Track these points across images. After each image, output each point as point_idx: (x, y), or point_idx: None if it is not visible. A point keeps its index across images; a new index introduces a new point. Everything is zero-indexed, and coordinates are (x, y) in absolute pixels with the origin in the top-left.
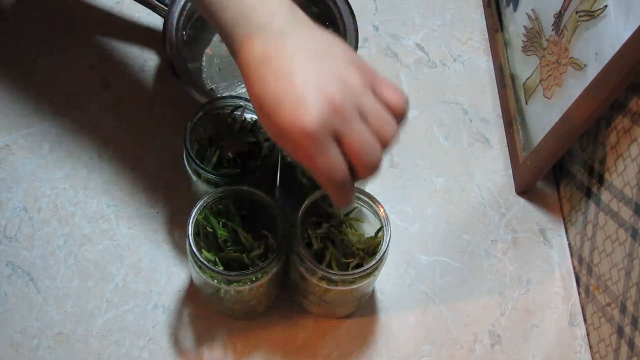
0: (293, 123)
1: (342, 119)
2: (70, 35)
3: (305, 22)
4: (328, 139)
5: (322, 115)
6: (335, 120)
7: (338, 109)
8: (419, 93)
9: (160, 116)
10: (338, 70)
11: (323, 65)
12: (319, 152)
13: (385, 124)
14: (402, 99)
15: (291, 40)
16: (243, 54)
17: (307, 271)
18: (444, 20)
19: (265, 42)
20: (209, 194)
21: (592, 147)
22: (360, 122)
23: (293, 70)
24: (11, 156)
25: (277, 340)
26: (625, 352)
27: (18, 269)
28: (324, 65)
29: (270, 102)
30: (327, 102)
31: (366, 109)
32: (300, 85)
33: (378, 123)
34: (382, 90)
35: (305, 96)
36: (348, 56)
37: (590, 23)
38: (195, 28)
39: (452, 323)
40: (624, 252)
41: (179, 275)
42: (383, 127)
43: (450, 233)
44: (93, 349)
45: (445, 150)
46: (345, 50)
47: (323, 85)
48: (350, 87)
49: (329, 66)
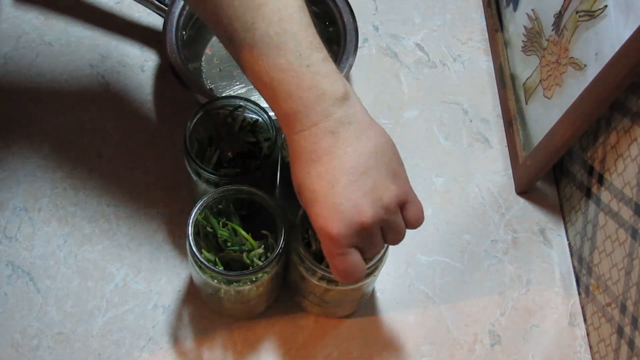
0: (322, 226)
1: (365, 238)
2: (70, 35)
3: (360, 119)
4: (349, 248)
5: (350, 233)
6: (359, 237)
7: (366, 230)
8: (419, 93)
9: (160, 116)
10: (378, 184)
11: (366, 177)
12: (337, 256)
13: (398, 238)
14: (421, 221)
15: (342, 142)
16: (294, 144)
17: (307, 271)
18: (444, 20)
19: (316, 139)
20: (209, 194)
21: (592, 147)
22: (380, 238)
23: (337, 177)
24: (11, 156)
25: (277, 340)
26: (625, 352)
27: (18, 269)
28: (366, 178)
29: (308, 196)
30: (358, 221)
31: (389, 226)
32: (339, 195)
33: (394, 238)
34: (408, 208)
35: (340, 208)
36: (392, 165)
37: (590, 23)
38: (195, 28)
39: (452, 323)
40: (624, 252)
41: (179, 275)
42: (396, 239)
43: (450, 233)
44: (93, 349)
45: (445, 150)
46: (391, 158)
47: (360, 202)
48: (384, 209)
49: (371, 180)
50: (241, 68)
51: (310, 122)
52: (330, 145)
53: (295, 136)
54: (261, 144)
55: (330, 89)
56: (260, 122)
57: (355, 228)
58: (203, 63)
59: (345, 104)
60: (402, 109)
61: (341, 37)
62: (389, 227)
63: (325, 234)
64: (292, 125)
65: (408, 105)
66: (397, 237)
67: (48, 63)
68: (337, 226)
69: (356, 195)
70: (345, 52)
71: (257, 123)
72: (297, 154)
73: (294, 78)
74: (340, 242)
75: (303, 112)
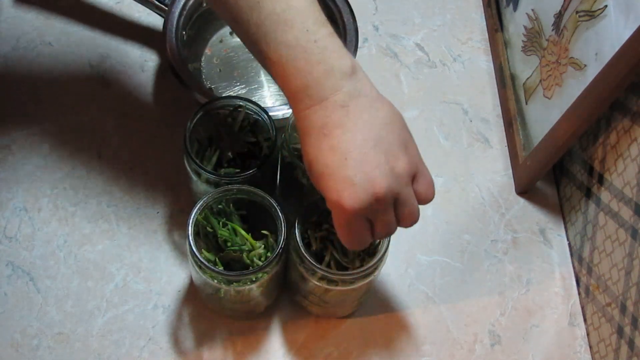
0: (335, 198)
1: (378, 209)
2: (70, 35)
3: (368, 92)
4: (361, 220)
5: (363, 204)
6: (372, 209)
7: (380, 201)
8: (419, 93)
9: (160, 116)
10: (390, 155)
11: (377, 149)
12: (348, 227)
13: (411, 214)
14: (432, 195)
15: (352, 115)
16: (304, 120)
17: (307, 271)
18: (444, 20)
19: (327, 112)
20: (209, 194)
21: (592, 147)
22: (392, 211)
23: (349, 149)
24: (11, 156)
25: (277, 340)
26: (625, 352)
27: (18, 269)
28: (378, 149)
29: (320, 170)
30: (372, 192)
31: (402, 200)
32: (352, 167)
33: (407, 213)
34: (419, 180)
35: (353, 180)
36: (403, 136)
37: (590, 23)
38: (195, 28)
39: (452, 323)
40: (624, 252)
41: (179, 275)
42: (410, 216)
43: (450, 233)
44: (93, 349)
45: (445, 150)
46: (401, 129)
47: (372, 173)
48: (396, 179)
49: (383, 151)
50: (248, 48)
51: (320, 97)
52: (341, 118)
53: (305, 112)
54: (261, 144)
55: (339, 64)
56: (260, 122)
57: (368, 200)
58: (203, 63)
59: (354, 77)
60: (402, 109)
61: (341, 37)
62: (401, 201)
63: (339, 207)
64: (302, 101)
65: (408, 105)
66: (411, 213)
67: (48, 63)
68: (351, 199)
69: (369, 167)
70: None
71: (257, 123)
72: (308, 129)
73: (303, 53)
74: (352, 214)
75: (313, 87)
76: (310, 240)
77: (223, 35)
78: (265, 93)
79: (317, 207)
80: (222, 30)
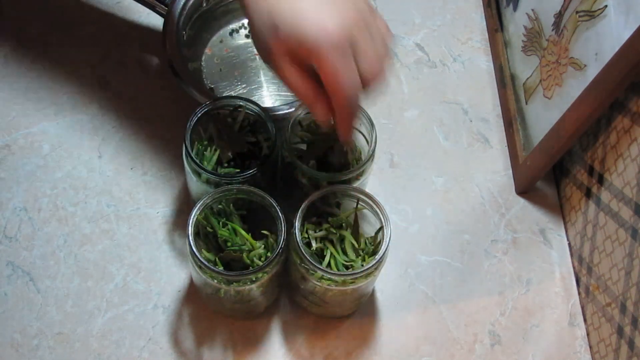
0: (318, 30)
1: (359, 28)
2: (70, 35)
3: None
4: (349, 47)
5: (345, 22)
6: (354, 28)
7: (356, 19)
8: (419, 93)
9: (160, 116)
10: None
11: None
12: (343, 59)
13: (383, 46)
14: (391, 33)
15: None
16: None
17: (307, 271)
18: (444, 20)
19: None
20: (209, 194)
21: (592, 147)
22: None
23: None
24: (11, 156)
25: (277, 340)
26: (625, 352)
27: (18, 269)
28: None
29: (289, 16)
30: (345, 14)
31: (372, 30)
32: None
33: (380, 42)
34: (376, 21)
35: (324, 8)
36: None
37: (590, 23)
38: (195, 28)
39: (452, 323)
40: (624, 252)
41: (179, 275)
42: (383, 47)
43: (450, 233)
44: (93, 349)
45: (445, 150)
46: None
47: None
48: (361, 11)
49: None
50: None
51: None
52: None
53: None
54: (261, 144)
55: None
56: (260, 122)
57: (346, 18)
58: (203, 63)
59: None
60: (402, 109)
61: None
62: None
63: (324, 37)
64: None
65: (408, 105)
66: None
67: (48, 63)
68: (331, 22)
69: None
70: None
71: (257, 123)
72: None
73: None
74: (340, 37)
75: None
76: (310, 240)
77: (223, 35)
78: (265, 93)
79: (317, 207)
80: (222, 30)
